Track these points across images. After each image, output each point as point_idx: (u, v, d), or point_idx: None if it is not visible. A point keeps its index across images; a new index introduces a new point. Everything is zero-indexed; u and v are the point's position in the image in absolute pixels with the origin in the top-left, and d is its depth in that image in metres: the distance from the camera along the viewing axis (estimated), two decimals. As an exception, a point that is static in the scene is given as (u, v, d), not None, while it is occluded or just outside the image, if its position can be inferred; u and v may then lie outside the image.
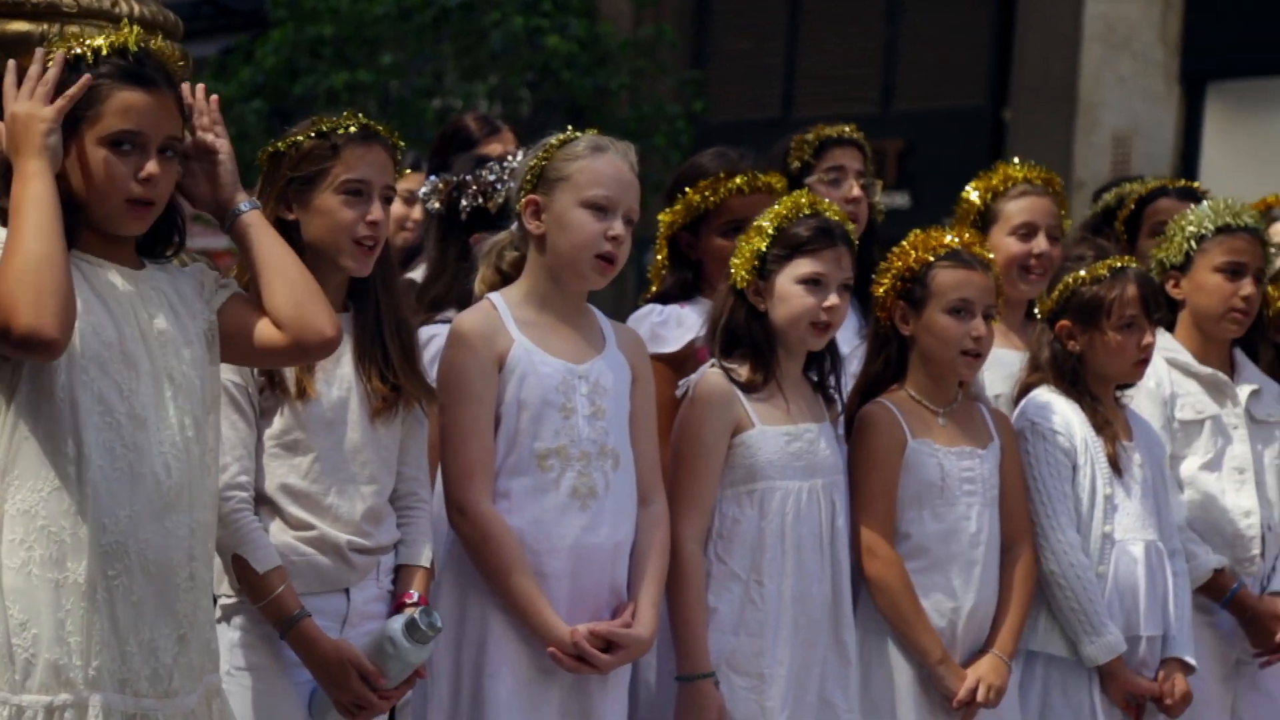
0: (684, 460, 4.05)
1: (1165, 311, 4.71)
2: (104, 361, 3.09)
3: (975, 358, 4.28)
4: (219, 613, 3.58)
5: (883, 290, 4.30)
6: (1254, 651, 4.78)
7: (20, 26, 3.70)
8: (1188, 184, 5.64)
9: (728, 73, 14.75)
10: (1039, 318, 4.63)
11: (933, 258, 4.25)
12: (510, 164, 4.35)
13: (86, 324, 3.07)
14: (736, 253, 4.15)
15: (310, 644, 3.50)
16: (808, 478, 4.08)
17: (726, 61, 14.90)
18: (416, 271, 4.83)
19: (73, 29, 3.23)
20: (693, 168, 4.59)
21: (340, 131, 3.57)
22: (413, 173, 5.70)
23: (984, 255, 4.31)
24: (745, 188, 4.47)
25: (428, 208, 4.58)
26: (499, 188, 4.39)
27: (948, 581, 4.22)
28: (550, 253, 3.85)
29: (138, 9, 3.72)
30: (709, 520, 4.04)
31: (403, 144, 3.71)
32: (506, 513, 3.76)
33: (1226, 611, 4.75)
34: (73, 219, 3.09)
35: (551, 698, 3.78)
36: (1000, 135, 13.57)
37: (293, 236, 3.54)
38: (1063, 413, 4.48)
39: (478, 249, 4.18)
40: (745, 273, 4.11)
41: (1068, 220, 4.99)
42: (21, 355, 3.01)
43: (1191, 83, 12.59)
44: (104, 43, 3.14)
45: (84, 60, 3.12)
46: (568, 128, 3.94)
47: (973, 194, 4.93)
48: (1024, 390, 4.57)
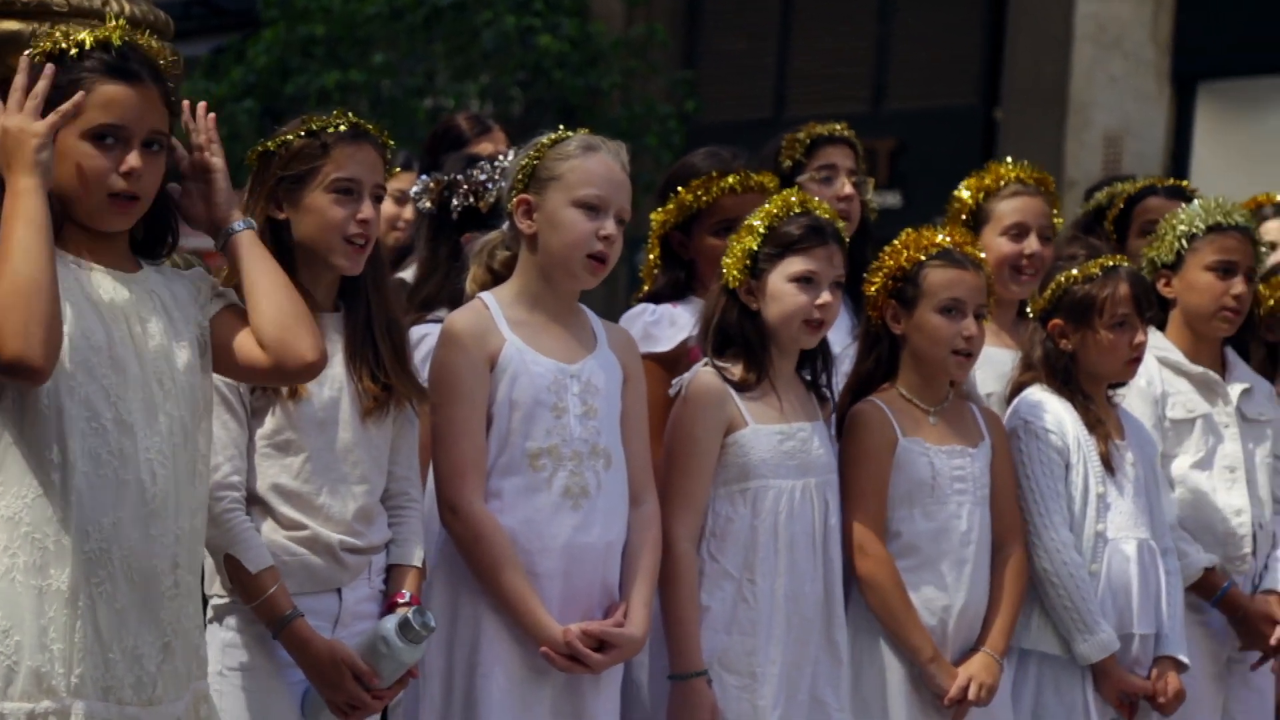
0: (677, 459, 4.05)
1: (1157, 310, 4.72)
2: (92, 367, 3.06)
3: (966, 357, 4.28)
4: (211, 613, 3.57)
5: (874, 289, 4.30)
6: (1239, 645, 4.78)
7: (10, 26, 3.69)
8: (1176, 183, 5.64)
9: (719, 72, 14.74)
10: (1031, 317, 4.64)
11: (924, 257, 4.26)
12: (501, 163, 4.35)
13: (76, 328, 3.04)
14: (728, 252, 4.15)
15: (303, 644, 3.49)
16: (800, 476, 4.08)
17: (718, 61, 14.89)
18: (407, 271, 4.82)
19: (58, 27, 3.20)
20: (685, 167, 4.58)
21: (330, 130, 3.56)
22: (404, 172, 5.68)
23: (975, 255, 4.31)
24: (738, 187, 4.46)
25: (419, 207, 4.57)
26: (490, 187, 4.38)
27: (939, 580, 4.22)
28: (542, 252, 3.85)
29: (128, 8, 3.71)
30: (702, 519, 4.04)
31: (392, 143, 3.70)
32: (498, 512, 3.76)
33: (1217, 610, 4.76)
34: (57, 215, 3.06)
35: (544, 697, 3.78)
36: (992, 135, 13.57)
37: (283, 236, 3.55)
38: (1055, 411, 4.48)
39: (469, 248, 4.18)
40: (737, 272, 4.10)
41: (1059, 220, 4.99)
42: (6, 380, 2.99)
43: (1182, 82, 12.59)
44: (87, 37, 3.11)
45: (67, 55, 3.10)
46: (559, 127, 3.93)
47: (965, 193, 4.92)
48: (1016, 389, 4.58)
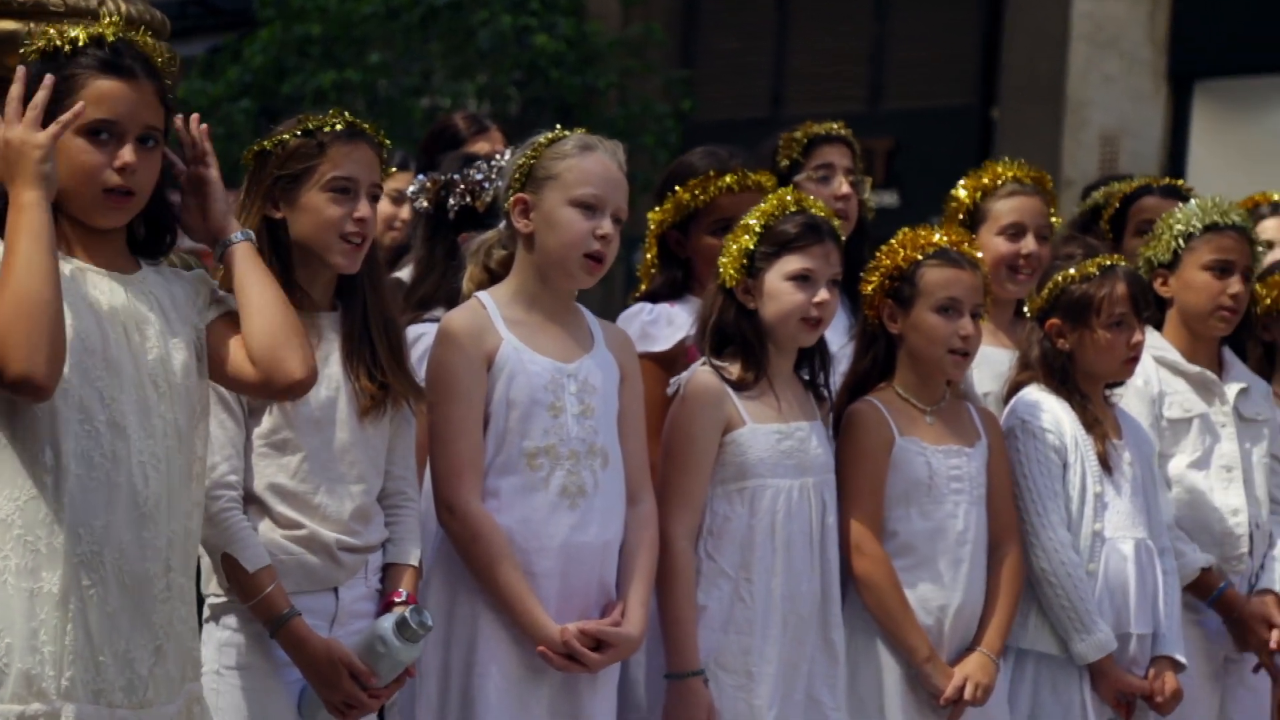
0: (675, 458, 4.05)
1: (1154, 310, 4.72)
2: (86, 369, 3.06)
3: (963, 356, 4.28)
4: (207, 612, 3.57)
5: (871, 288, 4.30)
6: (1236, 648, 4.78)
7: (7, 26, 3.69)
8: (1172, 182, 5.64)
9: (716, 72, 14.73)
10: (1029, 316, 4.64)
11: (921, 256, 4.26)
12: (498, 163, 4.34)
13: (71, 330, 3.03)
14: (724, 251, 4.15)
15: (300, 643, 3.49)
16: (798, 476, 4.07)
17: (715, 60, 14.88)
18: (404, 270, 4.81)
19: (53, 25, 3.20)
20: (682, 166, 4.58)
21: (326, 129, 3.56)
22: (401, 172, 5.67)
23: (972, 254, 4.31)
24: (735, 186, 4.45)
25: (415, 206, 4.57)
26: (487, 186, 4.38)
27: (935, 579, 4.22)
28: (538, 251, 3.85)
29: (124, 7, 3.71)
30: (700, 518, 4.04)
31: (389, 142, 3.70)
32: (495, 511, 3.76)
33: (1213, 610, 4.76)
34: (53, 212, 3.04)
35: (541, 696, 3.78)
36: (988, 134, 13.57)
37: (279, 235, 3.55)
38: (1052, 411, 4.48)
39: (465, 248, 4.17)
40: (734, 271, 4.10)
41: (1057, 219, 4.99)
42: (10, 396, 2.99)
43: (1179, 81, 12.58)
44: (81, 34, 3.11)
45: (61, 53, 3.10)
46: (556, 126, 3.93)
47: (962, 192, 4.92)
48: (1014, 389, 4.57)
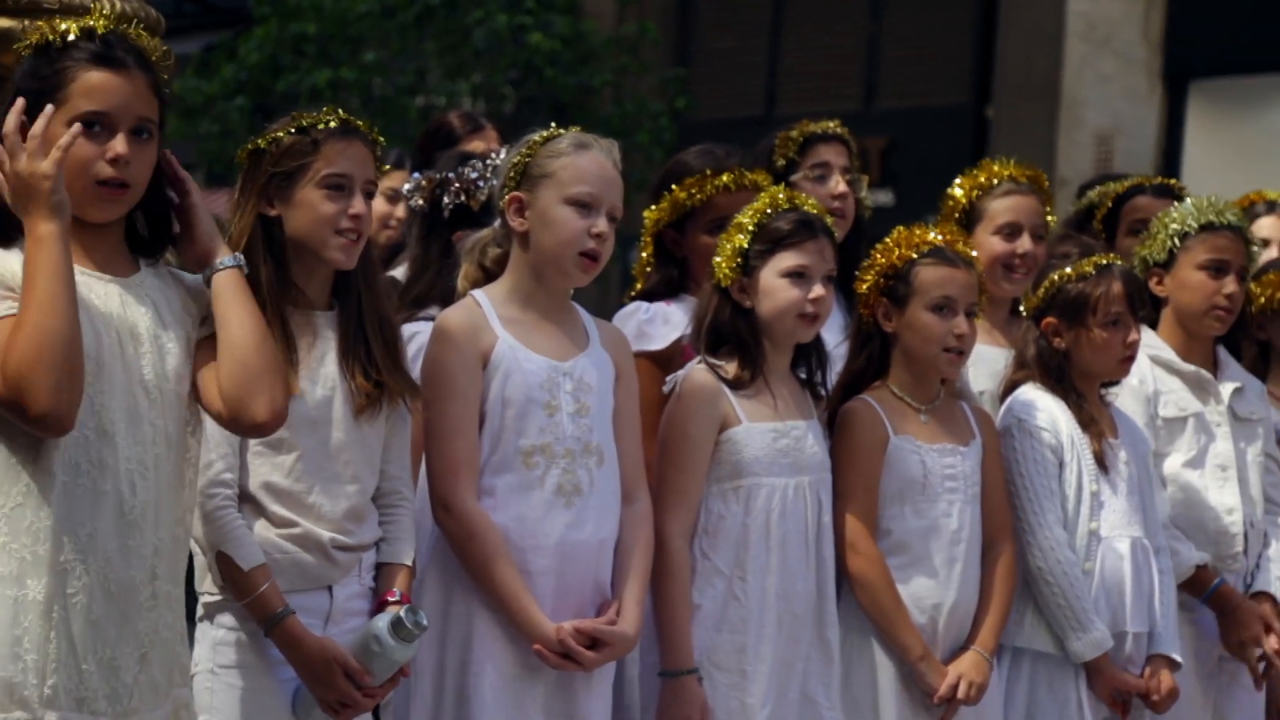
0: (670, 456, 4.04)
1: (1149, 309, 4.72)
2: None
3: (958, 355, 4.28)
4: (201, 610, 3.57)
5: (866, 287, 4.30)
6: (1227, 649, 4.77)
7: (2, 23, 3.68)
8: (1165, 181, 5.63)
9: (711, 70, 14.75)
10: (1025, 315, 4.64)
11: (916, 255, 4.25)
12: (493, 161, 4.34)
13: None
14: (718, 251, 4.14)
15: (295, 642, 3.49)
16: (794, 475, 4.07)
17: (709, 59, 14.89)
18: (399, 269, 4.81)
19: (44, 21, 3.20)
20: (679, 165, 4.58)
21: (320, 127, 3.55)
22: (396, 170, 5.68)
23: (967, 253, 4.30)
24: (731, 185, 4.45)
25: (411, 205, 4.57)
26: (482, 185, 4.38)
27: (929, 578, 4.22)
28: (534, 250, 3.84)
29: (119, 4, 3.70)
30: (695, 516, 4.04)
31: (382, 139, 3.70)
32: (491, 510, 3.76)
33: (1208, 607, 4.75)
34: None
35: (536, 695, 3.78)
36: (983, 132, 13.58)
37: (275, 232, 3.54)
38: (1048, 410, 4.48)
39: (460, 246, 4.17)
40: (729, 270, 4.10)
41: (1053, 218, 4.99)
42: (27, 429, 2.98)
43: (1174, 81, 12.60)
44: (72, 27, 3.10)
45: (53, 47, 3.09)
46: (551, 125, 3.93)
47: (958, 191, 4.92)
48: (1010, 387, 4.57)
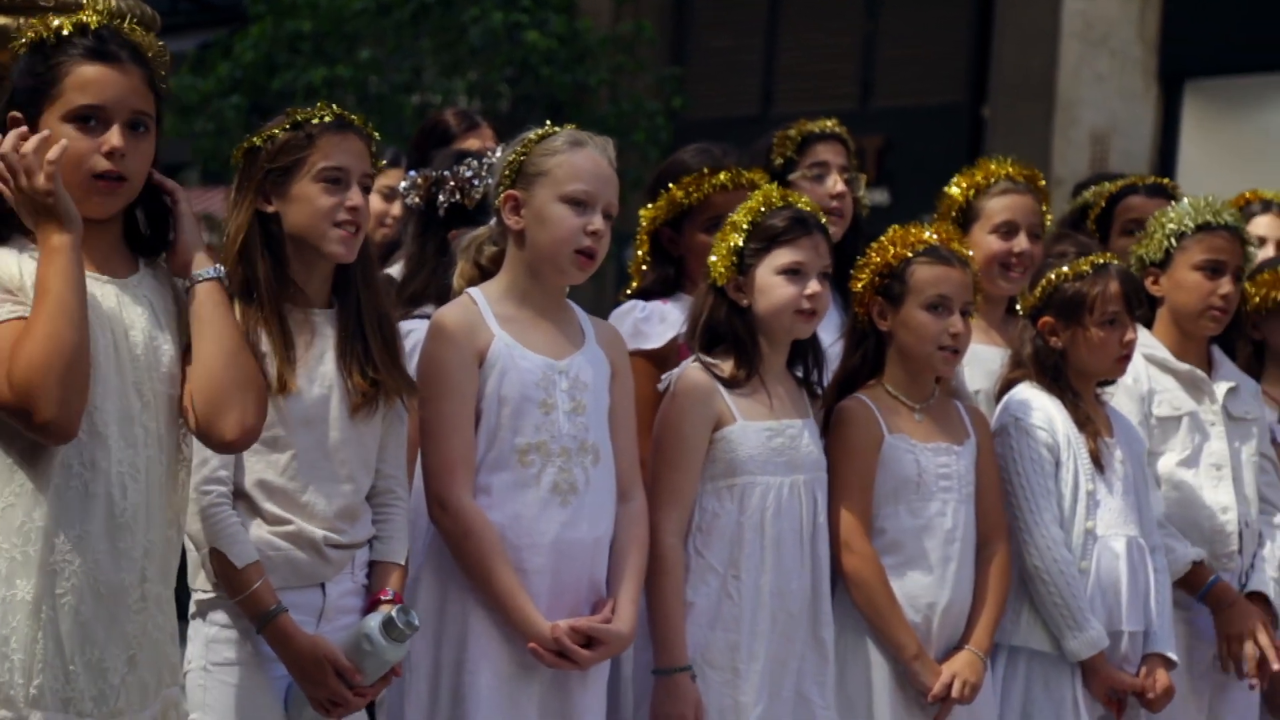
0: (665, 454, 4.04)
1: (1146, 308, 4.72)
2: None
3: (953, 354, 4.28)
4: (194, 608, 3.57)
5: (861, 285, 4.30)
6: (1222, 654, 4.76)
7: (-2, 21, 3.68)
8: (1158, 180, 5.63)
9: (707, 69, 14.73)
10: (1021, 314, 4.64)
11: (911, 253, 4.26)
12: (489, 159, 4.34)
13: None
14: (713, 250, 4.14)
15: (286, 640, 3.48)
16: (789, 473, 4.07)
17: (705, 58, 14.88)
18: (395, 267, 4.81)
19: (38, 19, 3.19)
20: (675, 164, 4.57)
21: (315, 121, 3.55)
22: (391, 168, 5.67)
23: (962, 252, 4.31)
24: (729, 184, 4.45)
25: (406, 203, 4.56)
26: (477, 183, 4.37)
27: (923, 577, 4.22)
28: (529, 248, 3.84)
29: (113, 2, 3.69)
30: (689, 515, 4.04)
31: (378, 135, 3.69)
32: (487, 508, 3.75)
33: (1203, 605, 4.75)
34: None
35: (531, 693, 3.77)
36: (979, 132, 13.57)
37: (272, 229, 3.54)
38: (1045, 409, 4.48)
39: (456, 244, 4.17)
40: (724, 269, 4.10)
41: (1049, 216, 4.99)
42: (30, 435, 2.99)
43: (1169, 80, 12.59)
44: (65, 23, 3.10)
45: (47, 44, 3.09)
46: (547, 123, 3.93)
47: (955, 190, 4.92)
48: (1006, 386, 4.57)
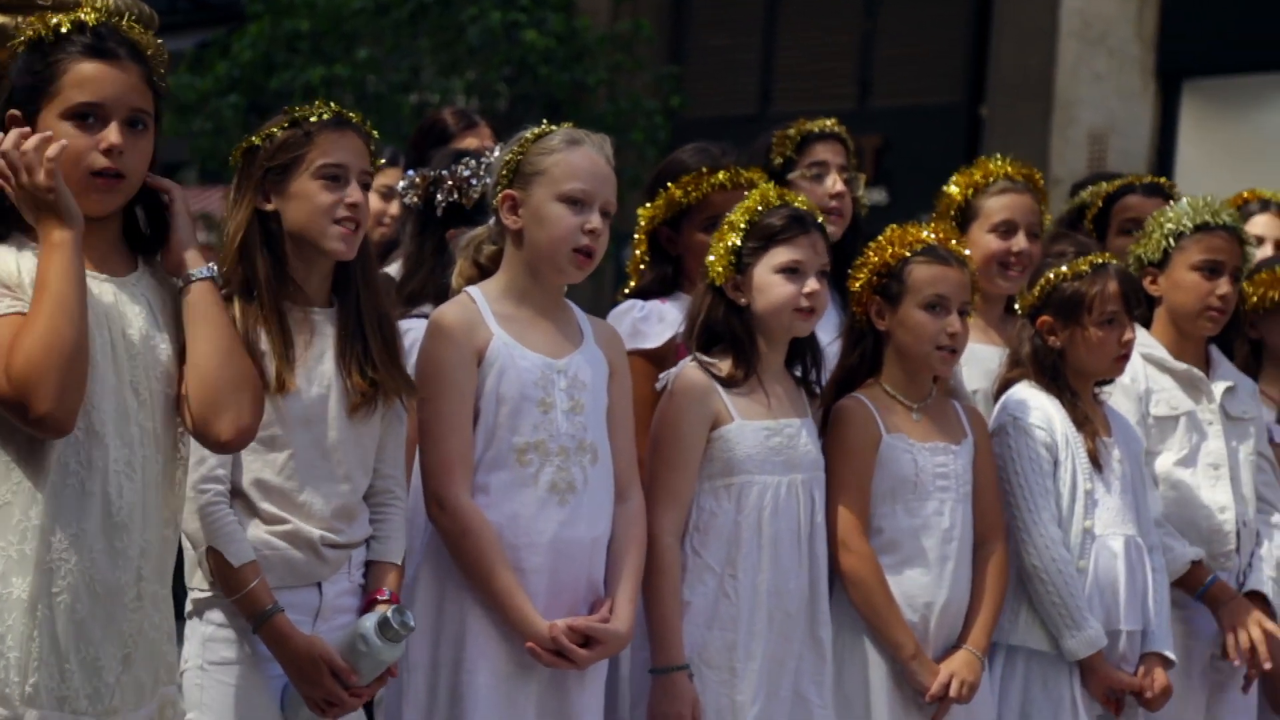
0: (662, 454, 4.04)
1: (1144, 308, 4.72)
2: None
3: (950, 353, 4.28)
4: (191, 606, 3.57)
5: (858, 285, 4.30)
6: (1222, 653, 4.76)
7: (-4, 20, 3.67)
8: (1155, 180, 5.63)
9: (705, 68, 14.74)
10: (1020, 313, 4.64)
11: (909, 253, 4.26)
12: (487, 159, 4.34)
13: None
14: (711, 249, 4.15)
15: (283, 639, 3.48)
16: (787, 473, 4.07)
17: (704, 57, 14.88)
18: (393, 266, 4.81)
19: (36, 17, 3.19)
20: (674, 163, 4.57)
21: (313, 119, 3.55)
22: (390, 168, 5.67)
23: (960, 251, 4.31)
24: (727, 183, 4.45)
25: (405, 202, 4.56)
26: (475, 183, 4.37)
27: (921, 576, 4.22)
28: (528, 247, 3.84)
29: (113, 1, 3.69)
30: (686, 514, 4.04)
31: (376, 133, 3.69)
32: (485, 507, 3.75)
33: (1202, 604, 4.75)
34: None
35: (529, 693, 3.77)
36: (977, 131, 13.56)
37: (272, 227, 3.54)
38: (1043, 408, 4.48)
39: (454, 244, 4.17)
40: (722, 268, 4.10)
41: (1048, 216, 4.99)
42: (26, 429, 2.99)
43: (1168, 79, 12.59)
44: (63, 21, 3.10)
45: (45, 42, 3.09)
46: (544, 122, 3.92)
47: (953, 189, 4.92)
48: (1004, 386, 4.57)
